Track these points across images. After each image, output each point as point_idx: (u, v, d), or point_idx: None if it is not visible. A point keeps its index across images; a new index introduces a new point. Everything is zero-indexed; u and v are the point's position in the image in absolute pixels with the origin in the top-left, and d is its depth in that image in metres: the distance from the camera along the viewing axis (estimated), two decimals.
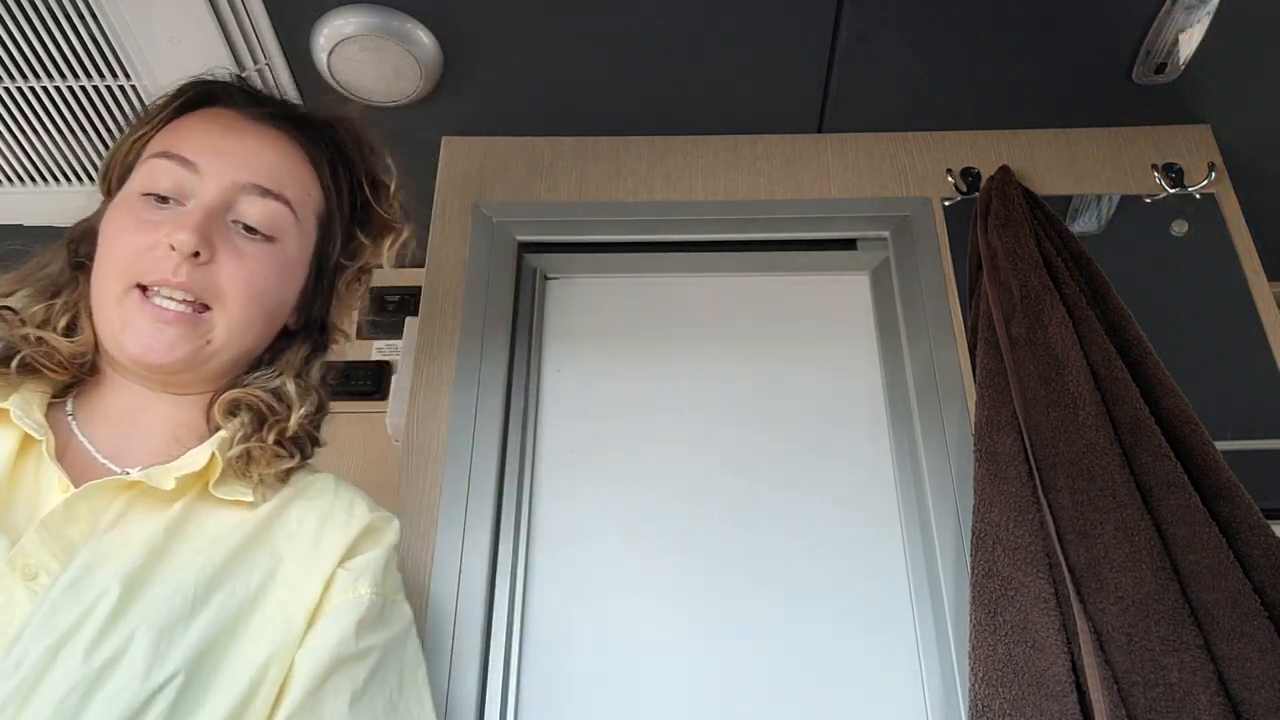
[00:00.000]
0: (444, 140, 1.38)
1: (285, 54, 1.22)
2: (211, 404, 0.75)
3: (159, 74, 1.18)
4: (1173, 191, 1.29)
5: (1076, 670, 0.91)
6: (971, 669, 0.93)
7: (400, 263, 0.90)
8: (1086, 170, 1.33)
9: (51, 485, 0.65)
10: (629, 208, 1.33)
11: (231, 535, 0.69)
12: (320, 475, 0.80)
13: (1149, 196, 1.30)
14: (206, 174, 0.72)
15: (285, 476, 0.75)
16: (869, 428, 1.19)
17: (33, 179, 1.35)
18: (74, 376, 0.73)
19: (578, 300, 1.31)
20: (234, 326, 0.73)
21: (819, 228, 1.31)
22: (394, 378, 1.44)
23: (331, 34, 1.17)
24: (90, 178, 1.35)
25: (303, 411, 0.76)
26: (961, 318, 1.21)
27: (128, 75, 1.19)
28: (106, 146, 1.30)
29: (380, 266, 0.89)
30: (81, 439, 0.71)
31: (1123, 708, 0.87)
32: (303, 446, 0.77)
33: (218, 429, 0.73)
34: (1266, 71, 1.26)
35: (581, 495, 1.16)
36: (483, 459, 1.13)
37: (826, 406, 1.20)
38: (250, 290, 0.73)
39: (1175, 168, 1.30)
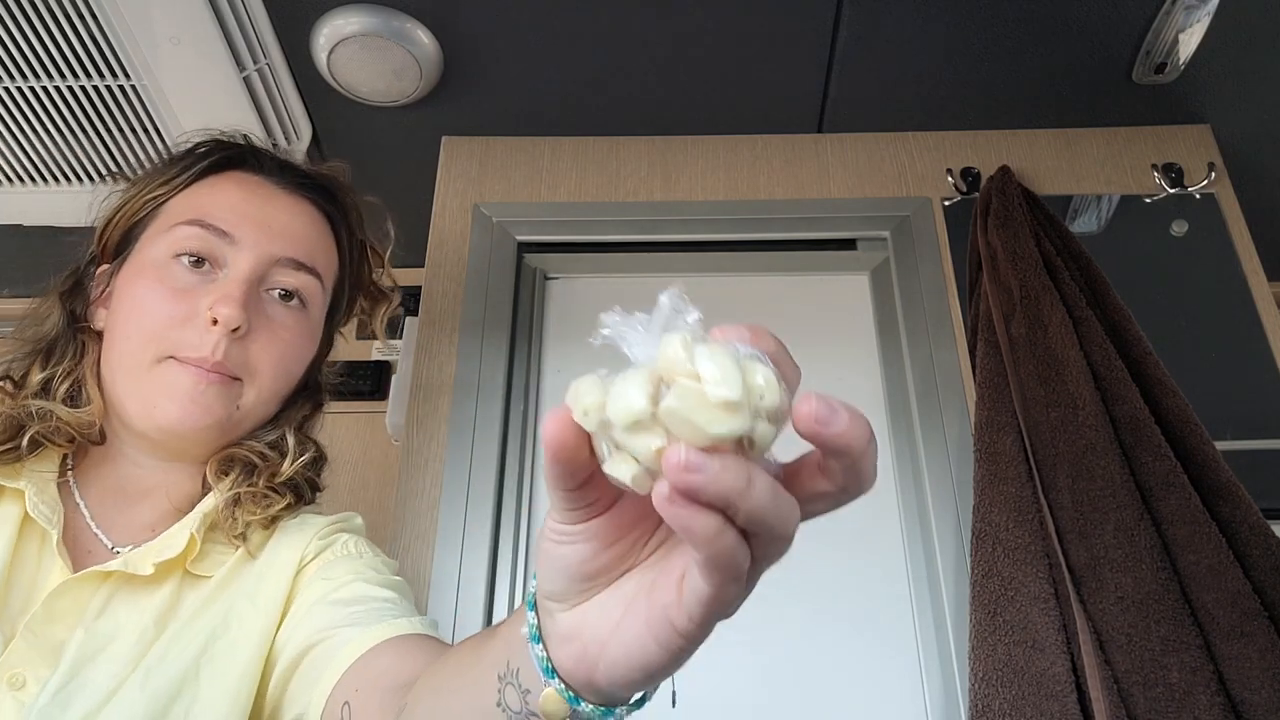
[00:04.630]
0: (444, 140, 1.38)
1: (285, 54, 1.23)
2: (205, 465, 0.72)
3: (159, 74, 1.18)
4: (1173, 191, 1.29)
5: (1076, 670, 0.91)
6: (971, 669, 0.93)
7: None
8: (1086, 170, 1.33)
9: (53, 571, 0.62)
10: (629, 208, 1.33)
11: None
12: (312, 516, 0.75)
13: (1149, 196, 1.30)
14: (243, 245, 0.70)
15: (270, 523, 0.71)
16: None
17: (33, 179, 1.35)
18: (76, 447, 0.70)
19: (578, 300, 1.31)
20: (262, 396, 0.71)
21: (819, 228, 1.31)
22: (394, 378, 1.44)
23: (331, 34, 1.17)
24: (90, 178, 1.35)
25: (302, 459, 0.74)
26: (961, 318, 1.21)
27: (128, 75, 1.19)
28: (106, 147, 1.30)
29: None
30: (87, 518, 0.68)
31: (1123, 708, 0.87)
32: (300, 491, 0.75)
33: (209, 491, 0.71)
34: (1266, 71, 1.26)
35: None
36: (483, 459, 1.13)
37: None
38: (283, 365, 0.72)
39: (1175, 168, 1.30)
